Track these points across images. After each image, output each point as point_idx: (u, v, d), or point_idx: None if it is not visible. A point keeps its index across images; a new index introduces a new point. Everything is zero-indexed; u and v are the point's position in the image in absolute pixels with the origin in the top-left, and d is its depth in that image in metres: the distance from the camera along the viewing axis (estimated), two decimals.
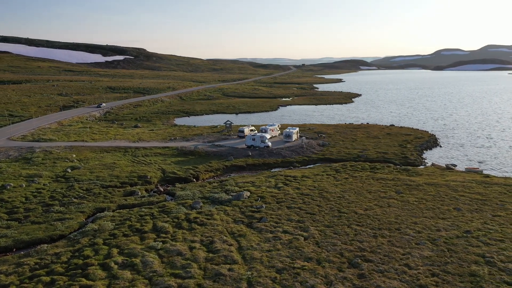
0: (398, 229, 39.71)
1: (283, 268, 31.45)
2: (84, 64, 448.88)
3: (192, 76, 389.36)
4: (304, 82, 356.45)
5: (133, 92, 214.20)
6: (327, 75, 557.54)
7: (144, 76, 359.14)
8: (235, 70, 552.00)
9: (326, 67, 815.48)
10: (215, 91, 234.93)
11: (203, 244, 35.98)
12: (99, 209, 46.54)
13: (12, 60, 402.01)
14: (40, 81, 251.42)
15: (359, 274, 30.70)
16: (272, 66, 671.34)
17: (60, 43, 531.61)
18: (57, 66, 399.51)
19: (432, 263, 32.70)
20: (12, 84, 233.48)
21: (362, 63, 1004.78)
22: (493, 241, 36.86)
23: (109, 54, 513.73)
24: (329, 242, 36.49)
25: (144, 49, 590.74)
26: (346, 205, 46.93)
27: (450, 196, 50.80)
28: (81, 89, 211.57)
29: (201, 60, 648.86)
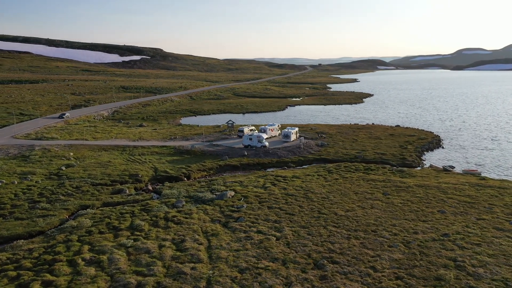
0: (374, 231, 39.20)
1: (247, 268, 31.44)
2: (102, 64, 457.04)
3: (206, 76, 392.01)
4: (318, 82, 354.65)
5: (145, 92, 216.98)
6: (342, 75, 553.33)
7: (159, 76, 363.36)
8: (250, 70, 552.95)
9: (343, 67, 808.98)
10: (226, 90, 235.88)
11: (173, 242, 36.26)
12: (84, 206, 47.36)
13: (32, 60, 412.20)
14: (56, 81, 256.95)
15: (321, 276, 30.45)
16: (287, 66, 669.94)
17: (79, 44, 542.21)
18: (75, 66, 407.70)
19: (399, 266, 32.20)
20: (29, 83, 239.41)
21: (380, 62, 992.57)
22: (470, 245, 36.04)
23: (126, 54, 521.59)
24: (300, 243, 36.29)
25: (161, 49, 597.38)
26: (328, 206, 46.55)
27: (438, 198, 49.86)
28: (94, 89, 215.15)
29: (217, 60, 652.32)
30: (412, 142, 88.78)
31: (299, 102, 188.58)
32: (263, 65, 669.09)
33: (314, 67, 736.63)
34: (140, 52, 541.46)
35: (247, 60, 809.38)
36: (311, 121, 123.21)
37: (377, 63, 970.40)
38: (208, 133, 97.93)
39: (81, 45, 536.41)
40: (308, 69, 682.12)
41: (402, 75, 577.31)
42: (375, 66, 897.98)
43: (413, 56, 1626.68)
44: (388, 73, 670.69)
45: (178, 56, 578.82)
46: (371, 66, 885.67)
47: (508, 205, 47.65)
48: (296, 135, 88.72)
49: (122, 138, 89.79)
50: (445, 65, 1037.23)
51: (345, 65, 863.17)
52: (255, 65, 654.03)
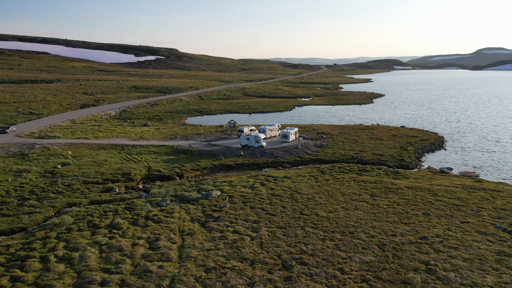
0: (352, 233, 38.81)
1: (213, 267, 31.53)
2: (117, 64, 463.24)
3: (219, 76, 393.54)
4: (331, 82, 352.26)
5: (155, 92, 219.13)
6: (357, 75, 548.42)
7: (172, 76, 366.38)
8: (264, 70, 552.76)
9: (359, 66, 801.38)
10: (236, 90, 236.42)
11: (148, 241, 36.60)
12: (71, 204, 48.16)
13: (50, 60, 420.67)
14: (71, 80, 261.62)
15: (286, 277, 30.32)
16: (302, 66, 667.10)
17: (95, 44, 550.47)
18: (91, 66, 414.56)
19: (368, 268, 31.81)
20: (44, 83, 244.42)
21: (397, 62, 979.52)
22: (447, 249, 35.37)
23: (141, 54, 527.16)
24: (274, 243, 36.18)
25: (176, 49, 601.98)
26: (312, 207, 46.28)
27: (426, 200, 49.05)
28: (106, 88, 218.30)
29: (232, 60, 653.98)
30: (413, 143, 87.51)
31: (307, 102, 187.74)
32: (277, 65, 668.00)
33: (329, 67, 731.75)
34: (155, 52, 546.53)
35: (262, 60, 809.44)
36: (316, 122, 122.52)
37: (394, 63, 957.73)
38: (209, 133, 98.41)
39: (98, 46, 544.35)
40: (323, 69, 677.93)
41: (418, 75, 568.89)
42: (392, 66, 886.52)
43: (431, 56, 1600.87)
44: (404, 73, 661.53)
45: (193, 56, 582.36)
46: (388, 66, 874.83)
47: (498, 208, 46.59)
48: (296, 135, 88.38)
49: (123, 137, 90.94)
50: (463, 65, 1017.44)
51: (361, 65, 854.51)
52: (270, 65, 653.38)
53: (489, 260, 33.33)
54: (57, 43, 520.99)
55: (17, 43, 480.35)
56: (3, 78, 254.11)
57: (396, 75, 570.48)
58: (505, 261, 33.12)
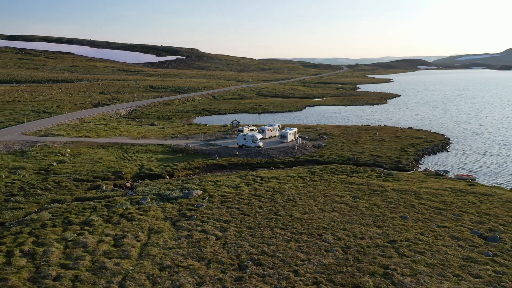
0: (320, 235, 38.43)
1: (169, 266, 31.83)
2: (138, 64, 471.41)
3: (237, 76, 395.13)
4: (349, 82, 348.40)
5: (170, 91, 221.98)
6: (378, 75, 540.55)
7: (191, 76, 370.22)
8: (283, 70, 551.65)
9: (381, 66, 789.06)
10: (250, 90, 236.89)
11: (114, 238, 37.23)
12: (55, 200, 49.40)
13: (73, 61, 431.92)
14: (90, 80, 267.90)
15: (238, 277, 30.32)
16: (322, 66, 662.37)
17: (118, 44, 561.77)
18: (113, 66, 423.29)
19: (324, 271, 31.45)
20: (65, 83, 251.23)
21: (421, 62, 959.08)
22: (412, 253, 34.59)
23: (162, 54, 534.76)
24: (237, 243, 36.20)
25: (197, 49, 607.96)
26: (289, 208, 46.04)
27: (408, 203, 48.06)
28: (123, 88, 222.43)
29: (252, 60, 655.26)
30: (415, 145, 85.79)
31: (320, 103, 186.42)
32: (298, 65, 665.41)
33: (350, 67, 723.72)
34: (176, 52, 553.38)
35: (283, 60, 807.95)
36: (323, 122, 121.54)
37: (418, 62, 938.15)
38: (211, 133, 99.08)
39: (120, 46, 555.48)
40: (344, 69, 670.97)
41: (441, 75, 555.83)
42: (415, 66, 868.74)
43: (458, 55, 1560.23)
44: (428, 73, 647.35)
45: (213, 56, 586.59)
46: (411, 66, 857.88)
47: (482, 213, 45.22)
48: (295, 135, 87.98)
49: (125, 136, 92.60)
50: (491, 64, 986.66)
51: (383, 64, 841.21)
52: (290, 65, 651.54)
53: (452, 266, 32.43)
54: (81, 43, 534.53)
55: (43, 43, 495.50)
56: (26, 78, 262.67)
57: (418, 75, 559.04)
58: (469, 268, 32.15)
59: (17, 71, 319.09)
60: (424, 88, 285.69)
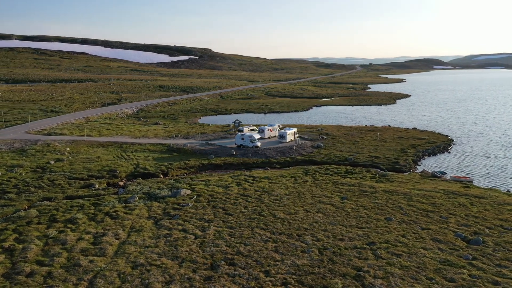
0: (299, 236, 38.28)
1: (142, 264, 32.11)
2: (151, 64, 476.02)
3: (249, 76, 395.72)
4: (361, 82, 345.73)
5: (179, 91, 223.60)
6: (392, 75, 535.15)
7: (202, 76, 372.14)
8: (296, 70, 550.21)
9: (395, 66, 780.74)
10: (259, 90, 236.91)
11: (95, 236, 37.69)
12: (46, 198, 50.29)
13: (88, 61, 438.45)
14: (102, 80, 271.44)
15: (208, 277, 30.41)
16: (335, 66, 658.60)
17: (132, 44, 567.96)
18: (126, 66, 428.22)
19: (295, 272, 31.33)
20: (77, 82, 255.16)
21: (437, 62, 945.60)
22: (389, 255, 34.20)
23: (175, 54, 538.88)
24: (214, 243, 36.30)
25: (210, 49, 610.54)
26: (274, 208, 45.97)
27: (396, 205, 47.50)
28: (133, 88, 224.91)
29: (264, 60, 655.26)
30: (416, 146, 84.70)
31: (328, 103, 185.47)
32: (310, 65, 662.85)
33: (364, 67, 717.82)
34: (188, 52, 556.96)
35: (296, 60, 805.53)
36: (328, 122, 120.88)
37: (433, 62, 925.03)
38: (212, 132, 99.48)
39: (134, 46, 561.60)
40: (357, 68, 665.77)
41: (456, 75, 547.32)
42: (431, 66, 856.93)
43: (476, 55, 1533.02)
44: (442, 73, 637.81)
45: (226, 56, 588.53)
46: (426, 66, 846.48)
47: (470, 215, 44.45)
48: (294, 135, 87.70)
49: (126, 135, 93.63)
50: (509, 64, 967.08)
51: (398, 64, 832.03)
52: (303, 65, 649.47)
53: (427, 269, 31.95)
54: (96, 43, 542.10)
55: (58, 44, 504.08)
56: (39, 78, 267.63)
57: (432, 75, 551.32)
58: (445, 271, 31.64)
59: (32, 71, 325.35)
60: (435, 88, 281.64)
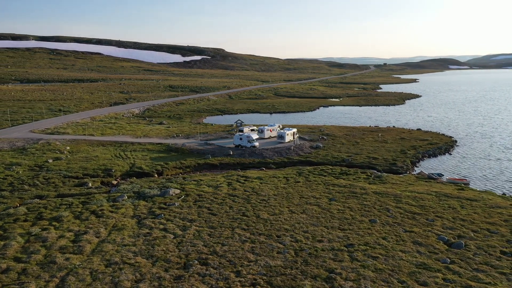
0: (278, 236, 38.21)
1: (116, 262, 32.48)
2: (164, 64, 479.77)
3: (260, 76, 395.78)
4: (372, 82, 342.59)
5: (189, 91, 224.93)
6: (405, 75, 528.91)
7: (214, 76, 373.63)
8: (308, 70, 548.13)
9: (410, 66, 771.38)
10: (268, 90, 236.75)
11: (76, 234, 38.26)
12: (38, 196, 51.18)
13: (102, 61, 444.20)
14: (114, 80, 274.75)
15: (178, 276, 30.60)
16: (348, 66, 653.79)
17: (145, 45, 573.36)
18: (139, 66, 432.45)
19: (267, 272, 31.27)
20: (90, 82, 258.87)
21: (453, 62, 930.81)
22: (365, 258, 33.88)
23: (188, 54, 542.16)
24: (192, 243, 36.48)
25: (222, 49, 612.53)
26: (259, 209, 45.95)
27: (384, 207, 47.01)
28: (142, 88, 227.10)
29: (277, 60, 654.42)
30: (417, 147, 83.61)
31: (335, 103, 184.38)
32: (323, 65, 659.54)
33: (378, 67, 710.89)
34: (201, 52, 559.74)
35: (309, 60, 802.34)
36: (333, 122, 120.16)
37: (449, 62, 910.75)
38: (214, 132, 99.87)
39: (148, 46, 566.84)
40: (371, 68, 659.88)
41: (471, 75, 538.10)
42: (446, 66, 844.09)
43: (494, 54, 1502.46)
44: (458, 74, 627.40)
45: (238, 56, 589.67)
46: (442, 66, 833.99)
47: (457, 218, 43.75)
48: (293, 136, 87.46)
49: (128, 134, 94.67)
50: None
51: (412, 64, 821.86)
52: (315, 64, 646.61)
53: (401, 272, 31.55)
54: (110, 44, 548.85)
55: (74, 44, 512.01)
56: (53, 77, 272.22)
57: (447, 75, 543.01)
58: (418, 275, 31.19)
59: (47, 71, 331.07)
60: (448, 88, 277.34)
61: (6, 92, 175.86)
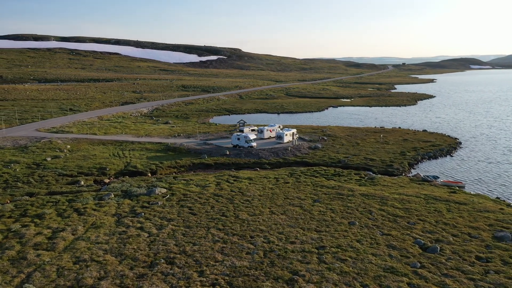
0: (252, 237, 38.20)
1: (84, 259, 33.06)
2: (180, 64, 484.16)
3: (275, 76, 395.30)
4: (388, 82, 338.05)
5: (200, 91, 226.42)
6: (424, 75, 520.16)
7: (228, 76, 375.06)
8: (324, 70, 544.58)
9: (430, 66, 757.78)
10: (279, 90, 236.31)
11: (54, 231, 39.08)
12: (29, 193, 52.43)
13: (119, 61, 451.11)
14: (129, 79, 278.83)
15: (141, 274, 30.95)
16: (365, 66, 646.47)
17: (163, 45, 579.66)
18: (155, 66, 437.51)
19: (230, 273, 31.33)
20: (105, 82, 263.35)
21: (475, 61, 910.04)
22: (334, 260, 33.59)
23: (204, 54, 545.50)
24: (165, 242, 36.83)
25: (239, 49, 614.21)
26: (241, 209, 46.01)
27: (368, 209, 46.46)
28: (155, 87, 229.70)
29: (293, 60, 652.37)
30: (418, 149, 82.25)
31: (346, 103, 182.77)
32: (340, 64, 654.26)
33: (396, 67, 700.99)
34: (217, 52, 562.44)
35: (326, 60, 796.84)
36: (339, 123, 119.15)
37: (471, 62, 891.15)
38: (216, 132, 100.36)
39: (165, 46, 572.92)
40: (389, 68, 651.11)
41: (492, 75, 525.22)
42: (468, 66, 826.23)
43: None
44: (478, 73, 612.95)
45: (254, 56, 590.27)
46: (463, 66, 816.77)
47: (440, 222, 42.91)
48: (293, 136, 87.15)
49: (131, 134, 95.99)
50: None
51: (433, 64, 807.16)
52: (332, 64, 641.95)
53: (367, 276, 31.16)
54: (128, 44, 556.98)
55: (93, 44, 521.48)
56: (70, 77, 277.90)
57: (467, 75, 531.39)
58: (384, 278, 30.75)
59: (65, 71, 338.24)
60: (464, 89, 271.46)
61: (21, 92, 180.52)
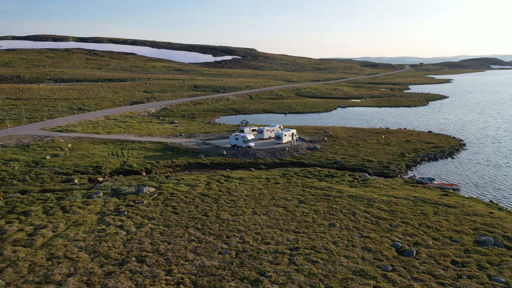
0: (228, 237, 38.32)
1: (58, 256, 33.69)
2: (195, 64, 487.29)
3: (289, 76, 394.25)
4: (403, 82, 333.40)
5: (211, 90, 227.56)
6: (442, 75, 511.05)
7: (242, 75, 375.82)
8: (339, 70, 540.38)
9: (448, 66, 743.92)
10: (290, 90, 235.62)
11: (36, 228, 39.92)
12: (22, 191, 53.64)
13: (135, 61, 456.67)
14: (142, 79, 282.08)
15: (109, 272, 31.37)
16: (381, 66, 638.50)
17: (178, 45, 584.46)
18: (170, 66, 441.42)
19: (197, 272, 31.49)
20: (119, 81, 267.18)
21: (495, 61, 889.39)
22: (304, 261, 33.43)
23: (219, 54, 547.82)
24: (141, 240, 37.25)
25: (254, 49, 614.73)
26: (224, 209, 46.17)
27: (352, 211, 46.06)
28: (167, 87, 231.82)
29: (308, 60, 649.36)
30: (419, 150, 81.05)
31: (355, 104, 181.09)
32: (356, 64, 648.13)
33: (413, 67, 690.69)
34: (232, 52, 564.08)
35: (342, 60, 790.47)
36: (344, 124, 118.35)
37: (491, 62, 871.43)
38: (218, 132, 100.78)
39: (180, 46, 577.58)
40: (406, 68, 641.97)
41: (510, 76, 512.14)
42: (488, 66, 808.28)
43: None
44: (498, 74, 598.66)
45: (269, 56, 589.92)
46: (483, 66, 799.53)
47: (423, 225, 42.30)
48: (292, 137, 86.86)
49: (133, 133, 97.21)
50: None
51: (451, 64, 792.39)
52: (347, 64, 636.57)
53: (334, 278, 30.92)
54: (144, 44, 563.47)
55: (110, 45, 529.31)
56: (85, 77, 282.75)
57: (485, 76, 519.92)
58: (351, 281, 30.46)
59: (81, 71, 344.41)
60: (479, 89, 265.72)
61: (35, 91, 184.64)
